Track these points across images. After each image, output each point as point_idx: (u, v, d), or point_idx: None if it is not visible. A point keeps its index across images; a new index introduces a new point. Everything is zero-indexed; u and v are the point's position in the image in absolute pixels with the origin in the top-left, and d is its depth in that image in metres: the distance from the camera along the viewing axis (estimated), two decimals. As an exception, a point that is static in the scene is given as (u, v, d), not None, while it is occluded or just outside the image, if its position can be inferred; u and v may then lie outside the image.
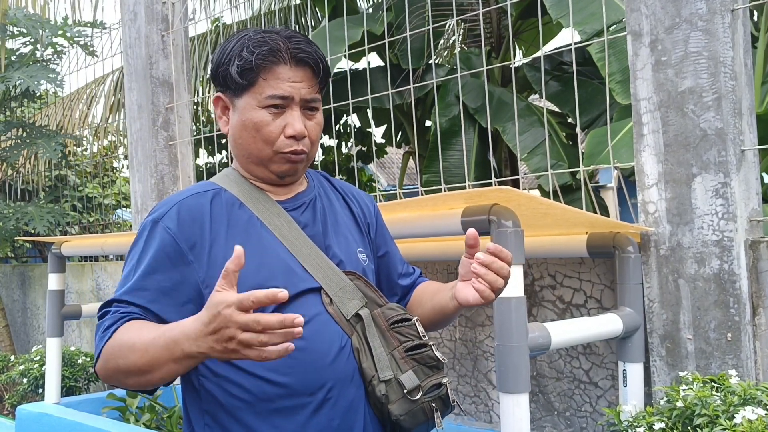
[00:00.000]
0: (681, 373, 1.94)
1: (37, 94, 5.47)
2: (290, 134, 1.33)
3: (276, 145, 1.35)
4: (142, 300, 1.28)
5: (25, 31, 4.88)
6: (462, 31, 6.10)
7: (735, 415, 1.58)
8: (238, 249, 1.08)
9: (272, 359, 1.06)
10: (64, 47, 5.12)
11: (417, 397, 1.31)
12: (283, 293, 1.03)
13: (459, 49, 6.01)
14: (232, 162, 1.49)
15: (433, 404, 1.34)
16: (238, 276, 1.09)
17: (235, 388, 1.30)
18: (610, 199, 7.93)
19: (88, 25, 5.00)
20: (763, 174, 3.22)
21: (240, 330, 1.04)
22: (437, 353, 1.37)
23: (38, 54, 5.12)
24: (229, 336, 1.06)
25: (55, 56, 5.14)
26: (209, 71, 1.65)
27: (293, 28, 6.19)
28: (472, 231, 1.26)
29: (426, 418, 1.34)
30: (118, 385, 1.30)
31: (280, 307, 1.30)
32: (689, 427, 1.67)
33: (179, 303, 1.30)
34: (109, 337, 1.23)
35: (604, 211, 4.96)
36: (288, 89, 1.33)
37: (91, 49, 5.14)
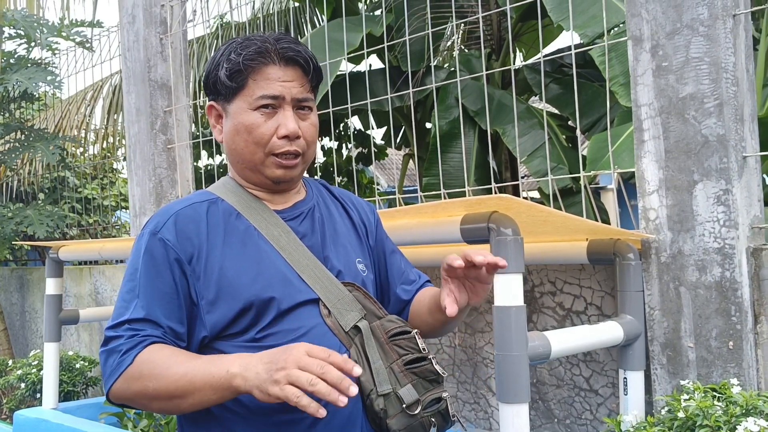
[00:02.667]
0: (682, 382, 1.92)
1: (36, 97, 5.45)
2: (283, 134, 1.32)
3: (269, 147, 1.33)
4: (155, 316, 1.26)
5: (22, 32, 4.86)
6: (462, 33, 6.09)
7: (737, 426, 1.56)
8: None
9: (302, 406, 1.07)
10: (60, 44, 5.10)
11: (416, 412, 1.29)
12: (357, 369, 1.12)
13: (458, 51, 5.99)
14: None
15: (433, 419, 1.32)
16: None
17: (231, 403, 1.28)
18: (611, 201, 7.91)
19: (86, 24, 4.98)
20: (766, 176, 3.20)
21: (295, 366, 1.08)
22: (437, 367, 1.34)
23: (35, 56, 5.09)
24: (281, 366, 1.08)
25: (52, 55, 5.12)
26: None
27: (292, 31, 6.16)
28: (452, 259, 1.27)
29: None
30: (135, 407, 1.29)
31: (276, 318, 1.29)
32: (691, 438, 1.65)
33: (185, 314, 1.29)
34: (132, 361, 1.22)
35: (604, 214, 4.94)
36: (279, 88, 1.32)
37: (88, 45, 5.11)
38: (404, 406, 1.28)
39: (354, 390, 1.08)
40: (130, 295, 1.28)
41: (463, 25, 5.79)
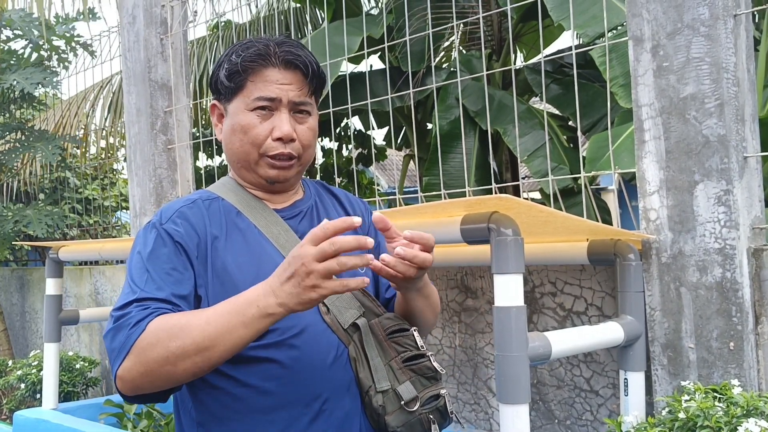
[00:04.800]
0: (683, 383, 1.92)
1: (36, 97, 5.45)
2: (277, 136, 1.33)
3: (263, 148, 1.34)
4: (165, 295, 1.22)
5: (20, 32, 4.85)
6: (462, 34, 6.09)
7: (738, 427, 1.56)
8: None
9: (352, 288, 1.08)
10: (66, 51, 5.09)
11: (414, 409, 1.29)
12: (358, 219, 1.09)
13: (458, 52, 5.99)
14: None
15: (431, 416, 1.32)
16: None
17: (229, 400, 1.28)
18: (611, 201, 7.91)
19: (80, 17, 4.96)
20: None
21: (316, 261, 1.06)
22: (435, 364, 1.35)
23: (43, 60, 5.08)
24: (307, 272, 1.07)
25: (59, 64, 5.11)
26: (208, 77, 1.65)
27: (293, 32, 6.15)
28: (376, 215, 1.24)
29: (423, 430, 1.32)
30: (149, 388, 1.17)
31: None
32: (691, 439, 1.64)
33: (194, 296, 1.28)
34: (143, 330, 1.14)
35: (605, 213, 4.94)
36: (276, 91, 1.33)
37: (91, 49, 5.12)
38: (403, 402, 1.29)
39: (371, 242, 1.08)
40: (138, 279, 1.24)
41: (463, 25, 5.79)
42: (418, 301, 1.37)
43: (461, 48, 6.09)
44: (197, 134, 4.66)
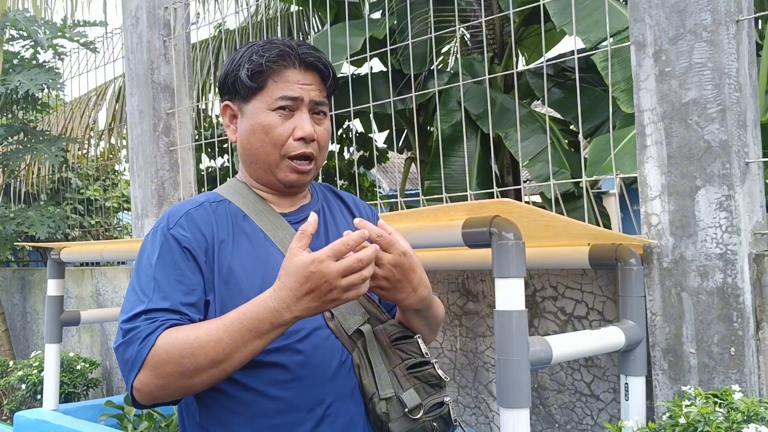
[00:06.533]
0: (684, 388, 1.92)
1: (39, 98, 5.46)
2: (300, 136, 1.33)
3: (285, 149, 1.34)
4: (173, 304, 1.22)
5: (24, 33, 4.86)
6: (463, 37, 6.09)
7: (738, 433, 1.56)
8: (313, 215, 1.17)
9: (363, 294, 1.13)
10: (65, 48, 5.10)
11: (418, 416, 1.29)
12: (366, 232, 1.13)
13: (459, 56, 5.99)
14: (234, 170, 1.48)
15: (435, 424, 1.32)
16: (311, 239, 1.15)
17: (234, 404, 1.28)
18: (613, 205, 7.91)
19: (89, 24, 4.98)
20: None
21: (340, 277, 1.09)
22: (439, 371, 1.34)
23: (40, 59, 5.09)
24: (330, 288, 1.10)
25: (56, 58, 5.12)
26: (217, 81, 1.65)
27: (295, 34, 6.16)
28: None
29: None
30: (166, 399, 1.21)
31: None
32: (692, 444, 1.64)
33: (203, 304, 1.28)
34: (153, 344, 1.16)
35: (606, 219, 4.93)
36: (298, 90, 1.33)
37: (93, 45, 5.11)
38: (406, 410, 1.28)
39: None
40: (146, 287, 1.25)
41: (465, 29, 5.79)
42: (414, 320, 1.36)
43: (459, 56, 6.09)
44: (198, 136, 4.66)
